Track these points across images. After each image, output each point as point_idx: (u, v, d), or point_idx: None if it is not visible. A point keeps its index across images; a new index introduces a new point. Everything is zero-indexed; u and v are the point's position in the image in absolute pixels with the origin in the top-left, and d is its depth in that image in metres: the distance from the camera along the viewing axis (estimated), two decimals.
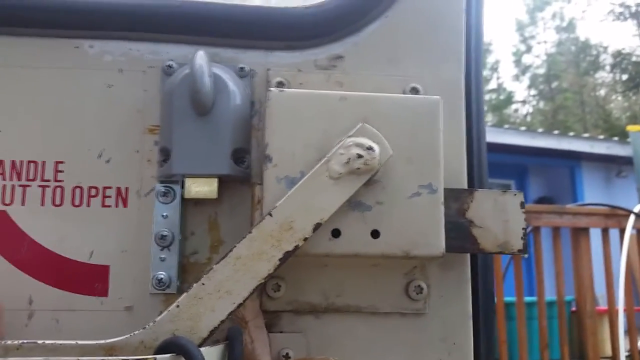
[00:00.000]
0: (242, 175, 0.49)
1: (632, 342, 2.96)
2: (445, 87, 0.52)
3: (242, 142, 0.49)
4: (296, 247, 0.42)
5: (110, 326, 0.46)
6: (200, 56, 0.47)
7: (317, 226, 0.43)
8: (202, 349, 0.37)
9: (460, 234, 0.48)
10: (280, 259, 0.42)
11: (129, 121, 0.50)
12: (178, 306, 0.39)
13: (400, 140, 0.46)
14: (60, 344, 0.36)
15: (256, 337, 0.45)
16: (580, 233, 2.85)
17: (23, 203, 0.48)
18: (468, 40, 0.56)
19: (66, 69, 0.51)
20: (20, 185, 0.49)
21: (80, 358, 0.32)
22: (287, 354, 0.47)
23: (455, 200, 0.48)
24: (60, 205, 0.49)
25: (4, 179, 0.49)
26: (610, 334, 2.91)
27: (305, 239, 0.42)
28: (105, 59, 0.51)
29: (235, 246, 0.41)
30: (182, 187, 0.48)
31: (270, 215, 0.42)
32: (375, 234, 0.45)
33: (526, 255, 0.50)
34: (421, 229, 0.45)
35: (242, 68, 0.51)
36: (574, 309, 3.11)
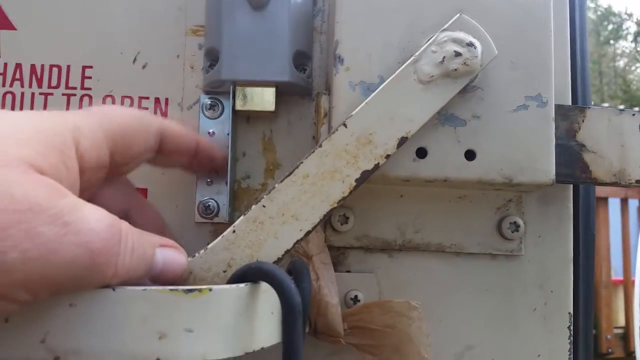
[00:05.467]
0: (303, 84, 0.41)
1: None
2: None
3: (304, 44, 0.41)
4: (376, 166, 0.34)
5: None
6: None
7: (402, 141, 0.34)
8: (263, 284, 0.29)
9: (569, 159, 0.39)
10: (357, 180, 0.34)
11: (168, 20, 0.42)
12: (234, 231, 0.32)
13: (502, 41, 0.37)
14: None
15: (322, 274, 0.37)
16: (599, 202, 2.79)
17: None
18: None
19: None
20: (41, 94, 0.42)
21: (148, 287, 0.25)
22: (355, 296, 0.40)
23: (564, 118, 0.39)
24: None
25: (22, 86, 0.42)
26: (625, 305, 2.85)
27: (388, 157, 0.34)
28: None
29: (302, 162, 0.33)
30: (233, 98, 0.40)
31: (345, 126, 0.34)
32: (470, 154, 0.37)
33: None
34: (527, 151, 0.37)
35: None
36: None
